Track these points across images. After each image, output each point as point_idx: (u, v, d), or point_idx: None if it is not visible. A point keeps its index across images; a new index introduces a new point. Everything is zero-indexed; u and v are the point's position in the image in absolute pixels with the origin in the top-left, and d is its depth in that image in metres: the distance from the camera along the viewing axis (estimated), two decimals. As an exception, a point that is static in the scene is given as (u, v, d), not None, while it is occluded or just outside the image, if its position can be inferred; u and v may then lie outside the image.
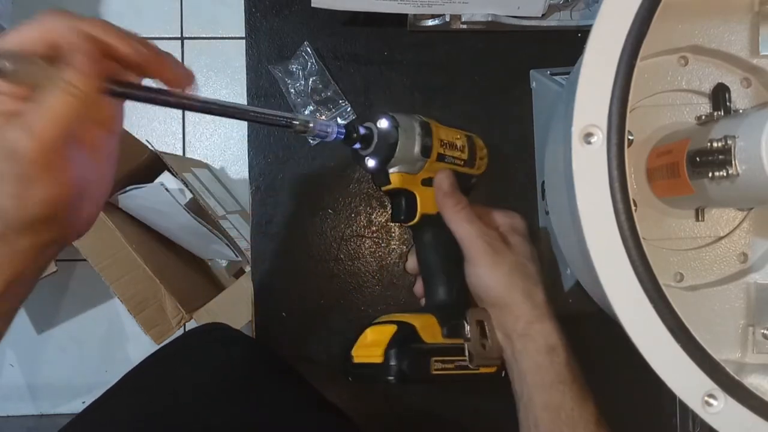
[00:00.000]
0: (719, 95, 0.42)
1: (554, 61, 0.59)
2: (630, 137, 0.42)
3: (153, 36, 1.38)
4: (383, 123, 0.43)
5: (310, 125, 0.39)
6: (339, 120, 0.61)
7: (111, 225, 1.01)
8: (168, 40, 1.39)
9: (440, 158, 0.46)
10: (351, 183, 0.61)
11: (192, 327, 0.68)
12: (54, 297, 1.37)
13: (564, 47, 0.58)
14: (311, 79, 0.60)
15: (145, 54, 0.31)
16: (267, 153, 0.61)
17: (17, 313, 0.34)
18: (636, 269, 0.32)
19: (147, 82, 0.34)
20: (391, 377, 0.42)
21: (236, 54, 1.39)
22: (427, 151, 0.45)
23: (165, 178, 1.16)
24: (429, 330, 0.44)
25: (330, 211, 0.61)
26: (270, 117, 0.38)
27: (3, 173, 0.28)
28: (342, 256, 0.61)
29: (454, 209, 0.45)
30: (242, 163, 1.39)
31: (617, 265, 0.32)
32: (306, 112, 0.60)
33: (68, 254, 1.24)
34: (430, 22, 0.59)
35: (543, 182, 0.57)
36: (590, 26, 0.33)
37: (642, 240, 0.32)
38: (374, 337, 0.44)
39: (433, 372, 0.43)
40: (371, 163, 0.44)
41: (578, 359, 0.43)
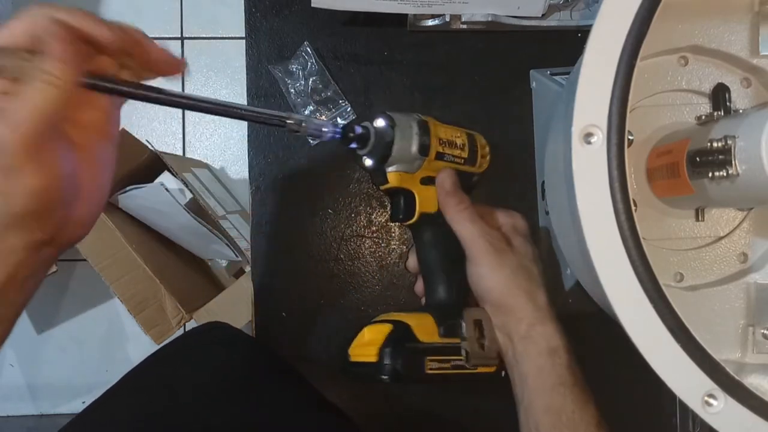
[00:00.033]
0: (719, 95, 0.42)
1: (554, 61, 0.59)
2: (630, 137, 0.42)
3: (153, 36, 1.36)
4: (379, 122, 0.43)
5: (304, 124, 0.39)
6: (339, 120, 0.61)
7: (111, 225, 1.01)
8: (168, 40, 1.39)
9: (439, 157, 0.46)
10: (351, 183, 0.61)
11: (192, 327, 0.68)
12: (54, 297, 1.37)
13: (564, 47, 0.58)
14: (311, 79, 0.60)
15: (124, 37, 0.31)
16: (267, 153, 0.61)
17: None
18: (636, 269, 0.32)
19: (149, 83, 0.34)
20: (385, 376, 0.42)
21: (236, 54, 1.39)
22: (425, 150, 0.45)
23: (165, 178, 1.16)
24: (425, 329, 0.44)
25: (330, 211, 0.61)
26: (262, 115, 0.38)
27: None
28: (342, 256, 0.61)
29: (457, 209, 0.45)
30: (242, 163, 1.39)
31: (617, 265, 0.32)
32: (306, 112, 0.60)
33: (68, 254, 1.23)
34: (430, 22, 0.59)
35: (543, 182, 0.57)
36: (590, 26, 0.33)
37: (642, 240, 0.32)
38: (370, 336, 0.44)
39: (428, 371, 0.43)
40: (368, 163, 0.44)
41: (579, 360, 0.43)
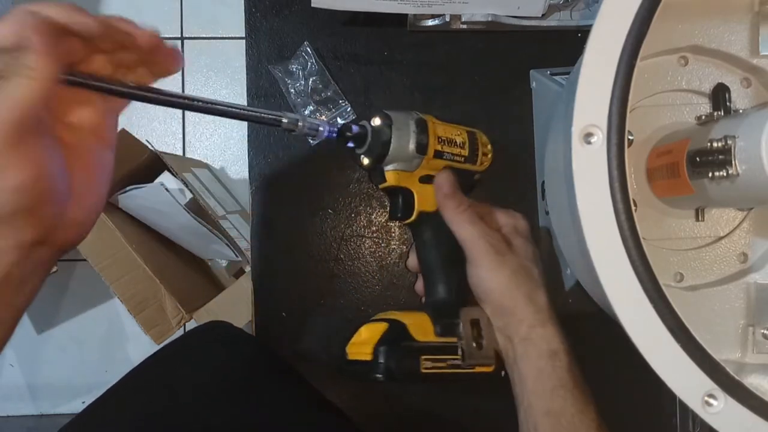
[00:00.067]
0: (719, 95, 0.42)
1: (554, 61, 0.59)
2: (630, 137, 0.42)
3: (153, 36, 1.38)
4: (376, 121, 0.43)
5: (299, 123, 0.39)
6: (339, 120, 0.61)
7: (111, 225, 1.01)
8: (168, 40, 1.39)
9: (438, 155, 0.46)
10: (351, 183, 0.61)
11: (192, 327, 0.68)
12: (54, 297, 1.37)
13: (564, 47, 0.58)
14: (311, 79, 0.60)
15: (111, 27, 0.31)
16: (267, 153, 0.61)
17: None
18: (636, 269, 0.32)
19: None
20: (380, 375, 0.42)
21: (236, 54, 1.39)
22: (423, 149, 0.44)
23: (165, 178, 1.16)
24: (421, 328, 0.44)
25: (330, 211, 0.61)
26: (256, 114, 0.38)
27: None
28: (342, 256, 0.61)
29: (456, 211, 0.45)
30: (242, 163, 1.39)
31: (617, 265, 0.32)
32: (306, 112, 0.60)
33: (68, 254, 1.22)
34: (430, 22, 0.59)
35: (543, 182, 0.57)
36: (590, 26, 0.33)
37: (642, 240, 0.32)
38: (367, 335, 0.44)
39: (423, 370, 0.43)
40: (366, 162, 0.44)
41: (579, 363, 0.42)
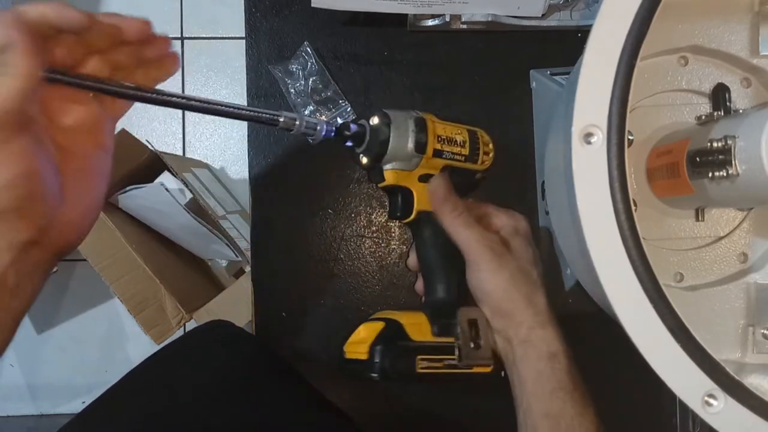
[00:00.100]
0: (719, 95, 0.42)
1: (554, 61, 0.59)
2: (630, 137, 0.42)
3: (153, 36, 1.38)
4: (374, 120, 0.43)
5: (297, 122, 0.39)
6: (339, 120, 0.61)
7: (111, 225, 1.02)
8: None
9: (437, 154, 0.45)
10: (351, 183, 0.61)
11: (192, 327, 0.68)
12: (54, 297, 1.37)
13: (564, 47, 0.58)
14: (311, 79, 0.60)
15: (91, 18, 0.31)
16: (267, 153, 0.61)
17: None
18: (636, 269, 0.32)
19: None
20: (375, 374, 0.42)
21: (236, 54, 1.39)
22: (422, 148, 0.44)
23: (165, 178, 1.16)
24: (418, 327, 0.44)
25: (330, 211, 0.61)
26: (253, 114, 0.38)
27: None
28: (342, 256, 0.61)
29: (452, 215, 0.45)
30: (242, 163, 1.39)
31: (617, 265, 0.32)
32: (306, 112, 0.60)
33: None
34: (430, 22, 0.59)
35: (543, 182, 0.57)
36: (590, 26, 0.33)
37: (642, 240, 0.32)
38: (364, 334, 0.44)
39: (419, 370, 0.43)
40: (365, 161, 0.44)
41: (579, 363, 0.42)
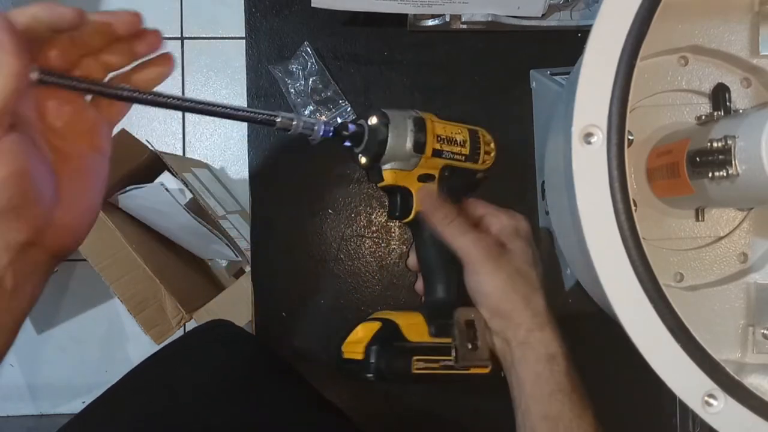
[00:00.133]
0: (719, 95, 0.42)
1: (554, 61, 0.59)
2: (630, 137, 0.42)
3: (153, 36, 1.38)
4: (373, 120, 0.43)
5: (294, 122, 0.39)
6: (339, 120, 0.61)
7: (111, 225, 1.01)
8: (168, 40, 1.38)
9: (437, 154, 0.45)
10: (351, 183, 0.61)
11: (192, 327, 0.68)
12: (54, 297, 1.37)
13: (564, 47, 0.58)
14: (311, 79, 0.60)
15: (80, 14, 0.31)
16: (267, 153, 0.61)
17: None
18: (636, 269, 0.32)
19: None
20: (370, 374, 0.42)
21: (236, 54, 1.39)
22: (421, 148, 0.44)
23: (165, 178, 1.16)
24: (414, 328, 0.44)
25: (330, 211, 0.61)
26: (250, 114, 0.38)
27: None
28: (342, 256, 0.61)
29: (443, 223, 0.44)
30: (242, 163, 1.39)
31: (617, 265, 0.32)
32: (306, 112, 0.60)
33: (68, 254, 1.25)
34: (430, 22, 0.59)
35: (543, 182, 0.57)
36: (590, 26, 0.33)
37: (642, 240, 0.32)
38: (362, 334, 0.44)
39: (414, 371, 0.43)
40: (363, 161, 0.44)
41: (579, 363, 0.42)
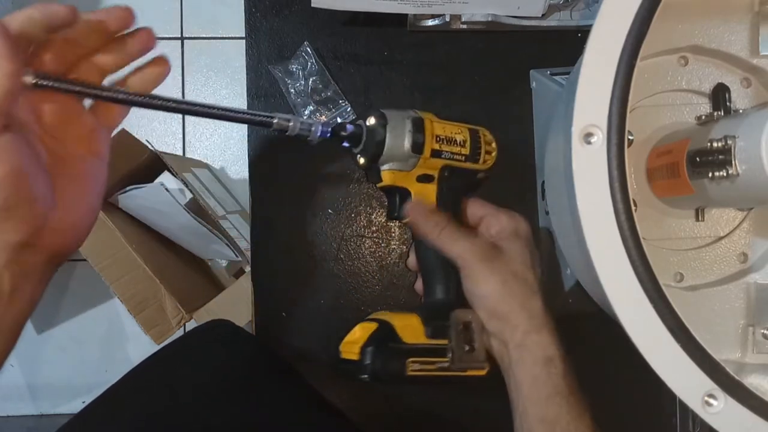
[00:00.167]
0: (719, 95, 0.42)
1: (554, 61, 0.59)
2: (630, 137, 0.42)
3: (153, 36, 1.38)
4: (371, 120, 0.43)
5: (291, 123, 0.39)
6: (339, 120, 0.61)
7: (111, 225, 1.01)
8: (168, 40, 1.39)
9: (436, 154, 0.45)
10: (351, 183, 0.61)
11: (192, 327, 0.68)
12: (54, 297, 1.37)
13: (564, 47, 0.58)
14: (311, 79, 0.60)
15: (73, 11, 0.31)
16: (267, 153, 0.61)
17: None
18: (636, 269, 0.32)
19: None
20: (365, 376, 0.42)
21: (236, 54, 1.39)
22: (419, 148, 0.43)
23: (165, 178, 1.16)
24: (410, 330, 0.44)
25: (330, 211, 0.61)
26: (246, 116, 0.38)
27: None
28: (342, 256, 0.61)
29: (434, 233, 0.44)
30: (242, 163, 1.39)
31: (617, 265, 0.32)
32: (306, 112, 0.60)
33: (68, 254, 1.25)
34: (430, 22, 0.59)
35: (543, 182, 0.57)
36: (590, 26, 0.33)
37: (642, 240, 0.32)
38: (359, 334, 0.43)
39: (409, 373, 0.42)
40: (362, 161, 0.44)
41: (579, 363, 0.42)
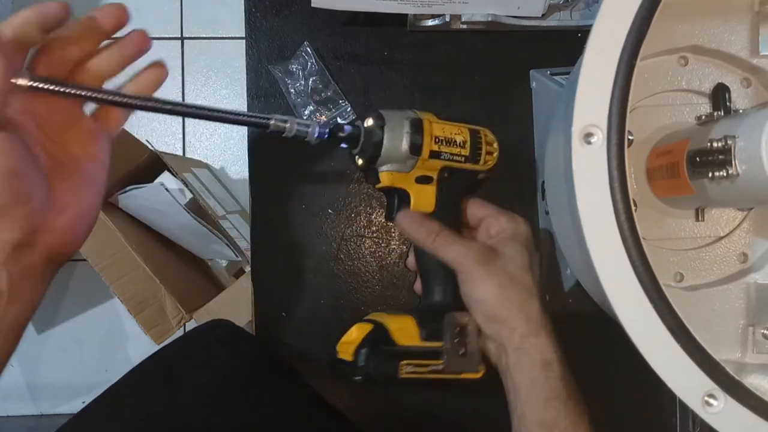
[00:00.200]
0: (719, 95, 0.42)
1: (554, 61, 0.59)
2: (630, 137, 0.42)
3: (153, 36, 1.37)
4: (369, 122, 0.43)
5: (287, 125, 0.39)
6: (339, 120, 0.61)
7: (111, 225, 1.01)
8: (168, 40, 1.39)
9: (434, 156, 0.44)
10: (351, 183, 0.61)
11: (192, 327, 0.68)
12: (54, 297, 1.37)
13: (564, 47, 0.58)
14: (311, 79, 0.60)
15: (65, 8, 0.32)
16: (267, 153, 0.61)
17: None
18: (636, 269, 0.32)
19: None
20: (358, 377, 0.42)
21: (236, 54, 1.39)
22: (417, 150, 0.43)
23: (165, 178, 1.16)
24: (404, 332, 0.43)
25: (330, 211, 0.61)
26: (243, 118, 0.38)
27: None
28: (342, 256, 0.61)
29: (428, 240, 0.44)
30: (242, 163, 1.39)
31: (617, 265, 0.32)
32: (306, 112, 0.60)
33: (68, 254, 1.25)
34: (430, 22, 0.59)
35: (543, 182, 0.57)
36: (590, 26, 0.33)
37: (642, 240, 0.32)
38: (355, 335, 0.43)
39: (402, 375, 0.42)
40: (360, 162, 0.43)
41: (579, 364, 0.42)
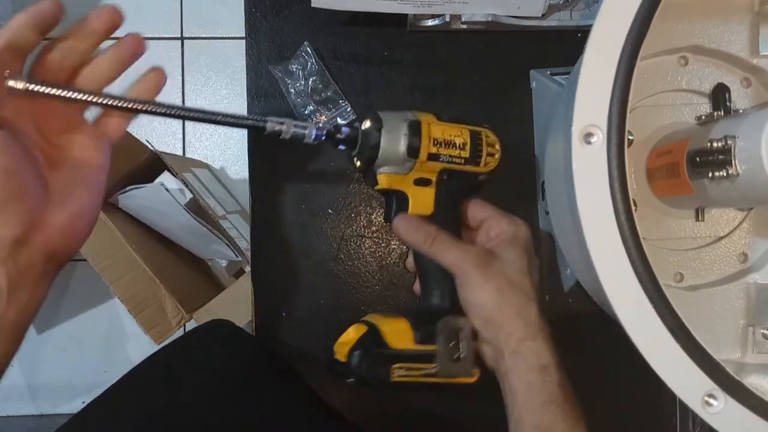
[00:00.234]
0: (719, 95, 0.42)
1: (554, 61, 0.59)
2: (630, 137, 0.42)
3: (153, 36, 1.38)
4: (366, 124, 0.42)
5: (284, 127, 0.39)
6: (339, 120, 0.61)
7: (111, 225, 1.01)
8: (168, 40, 1.39)
9: (433, 158, 0.44)
10: (351, 183, 0.61)
11: (192, 327, 0.68)
12: (54, 297, 1.37)
13: (564, 47, 0.58)
14: (311, 79, 0.60)
15: (59, 6, 0.32)
16: (267, 153, 0.61)
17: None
18: (636, 269, 0.32)
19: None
20: (351, 379, 0.42)
21: (236, 54, 1.39)
22: (415, 152, 0.42)
23: (165, 178, 1.16)
24: (398, 335, 0.43)
25: (330, 211, 0.61)
26: (240, 120, 0.38)
27: None
28: (342, 256, 0.61)
29: (425, 245, 0.44)
30: (242, 163, 1.39)
31: (617, 265, 0.32)
32: (306, 112, 0.60)
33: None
34: (430, 22, 0.59)
35: (543, 182, 0.57)
36: (590, 26, 0.33)
37: (642, 240, 0.32)
38: (351, 335, 0.43)
39: (394, 379, 0.42)
40: (358, 164, 0.43)
41: (579, 364, 0.42)
